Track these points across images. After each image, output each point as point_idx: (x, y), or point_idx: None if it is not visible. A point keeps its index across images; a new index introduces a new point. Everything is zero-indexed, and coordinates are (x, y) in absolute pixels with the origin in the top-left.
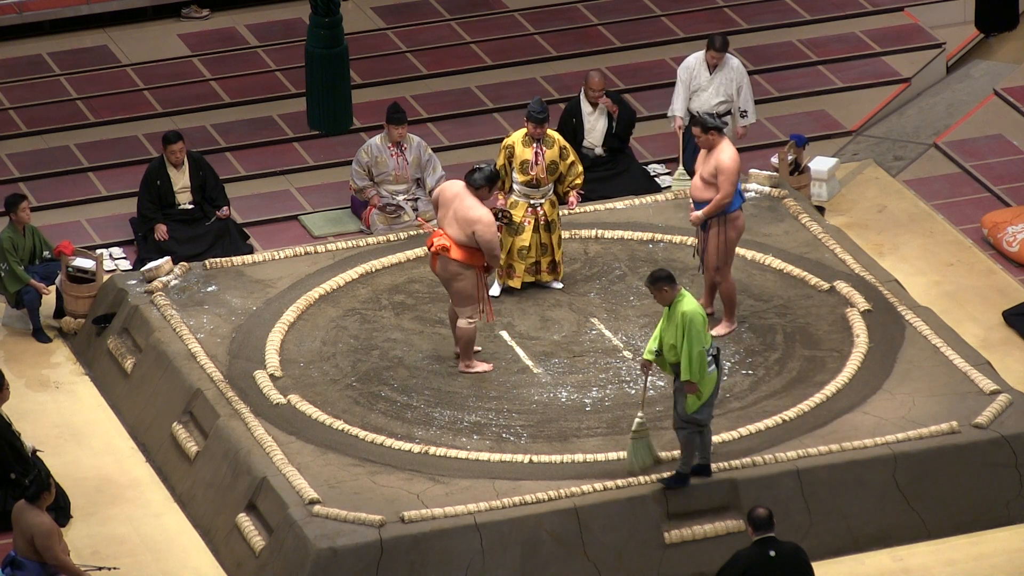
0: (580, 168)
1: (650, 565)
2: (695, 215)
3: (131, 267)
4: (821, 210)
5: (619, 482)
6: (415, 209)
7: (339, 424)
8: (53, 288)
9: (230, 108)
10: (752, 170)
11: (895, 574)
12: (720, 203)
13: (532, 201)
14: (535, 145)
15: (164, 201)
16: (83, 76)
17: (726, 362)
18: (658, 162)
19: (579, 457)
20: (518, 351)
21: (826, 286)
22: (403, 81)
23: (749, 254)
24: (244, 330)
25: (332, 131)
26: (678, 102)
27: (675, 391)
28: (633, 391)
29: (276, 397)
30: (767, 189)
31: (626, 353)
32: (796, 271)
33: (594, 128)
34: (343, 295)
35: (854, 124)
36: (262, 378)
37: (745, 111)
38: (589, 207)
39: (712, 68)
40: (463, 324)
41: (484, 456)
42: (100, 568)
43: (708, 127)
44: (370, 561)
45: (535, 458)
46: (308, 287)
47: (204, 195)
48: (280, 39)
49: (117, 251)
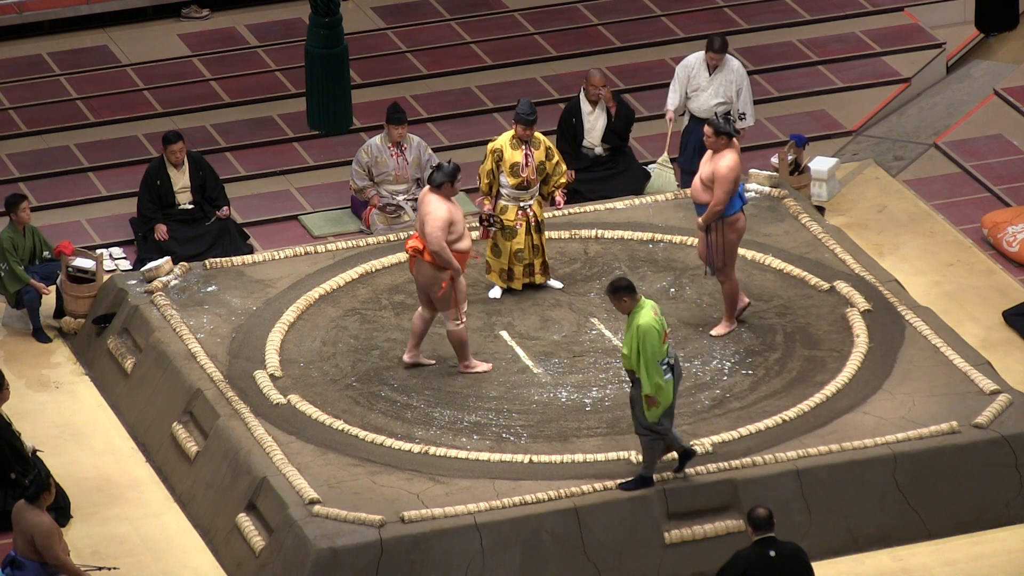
0: (564, 167)
1: (650, 565)
2: (699, 221)
3: (131, 267)
4: (821, 210)
5: (620, 482)
6: (415, 209)
7: (339, 424)
8: (53, 288)
9: (230, 108)
10: (752, 170)
11: (895, 574)
12: (713, 210)
13: (522, 203)
14: (524, 147)
15: (164, 201)
16: (83, 76)
17: (726, 362)
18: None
19: (579, 457)
20: (518, 351)
21: (826, 286)
22: (403, 81)
23: (749, 254)
24: (244, 330)
25: (332, 131)
26: (672, 96)
27: (631, 398)
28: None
29: (276, 397)
30: (767, 189)
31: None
32: (796, 271)
33: (594, 127)
34: (343, 295)
35: (854, 124)
36: (262, 378)
37: (744, 114)
38: (589, 207)
39: (712, 69)
40: (451, 328)
41: (484, 456)
42: (100, 568)
43: (720, 131)
44: (370, 561)
45: (535, 458)
46: (308, 287)
47: (204, 195)
48: (280, 39)
49: (117, 251)
